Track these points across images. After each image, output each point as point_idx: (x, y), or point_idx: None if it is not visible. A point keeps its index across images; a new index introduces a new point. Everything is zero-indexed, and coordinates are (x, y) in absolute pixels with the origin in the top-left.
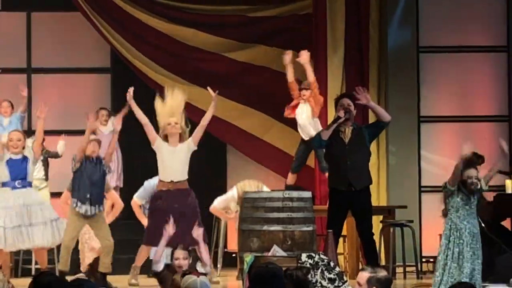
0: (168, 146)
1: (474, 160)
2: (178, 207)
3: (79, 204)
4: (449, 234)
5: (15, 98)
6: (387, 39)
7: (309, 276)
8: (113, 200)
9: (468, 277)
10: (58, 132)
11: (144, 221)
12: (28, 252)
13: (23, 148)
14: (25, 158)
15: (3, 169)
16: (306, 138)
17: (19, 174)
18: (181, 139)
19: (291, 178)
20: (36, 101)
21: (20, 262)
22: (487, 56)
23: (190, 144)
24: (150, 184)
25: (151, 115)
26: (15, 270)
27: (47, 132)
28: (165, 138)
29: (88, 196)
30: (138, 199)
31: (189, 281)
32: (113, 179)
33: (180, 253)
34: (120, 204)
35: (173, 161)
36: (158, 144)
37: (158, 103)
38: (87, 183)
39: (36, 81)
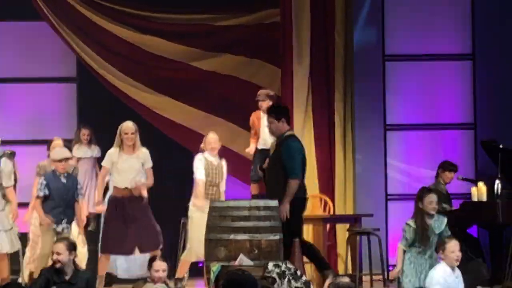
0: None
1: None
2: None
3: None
4: None
5: None
6: (353, 47)
7: (276, 285)
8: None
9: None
10: (24, 143)
11: None
12: None
13: None
14: None
15: None
16: (259, 147)
17: None
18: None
19: (254, 188)
20: (2, 110)
21: None
22: (453, 64)
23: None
24: None
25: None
26: None
27: (14, 142)
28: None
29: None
30: None
31: None
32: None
33: (160, 265)
34: None
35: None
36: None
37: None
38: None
39: (1, 91)
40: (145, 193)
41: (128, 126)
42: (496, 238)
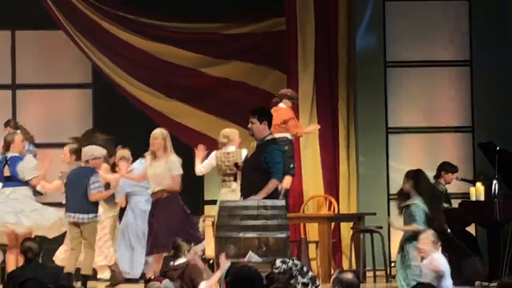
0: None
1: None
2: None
3: None
4: None
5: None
6: (356, 54)
7: (302, 279)
8: None
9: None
10: (43, 145)
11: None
12: None
13: None
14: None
15: None
16: None
17: None
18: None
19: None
20: (20, 115)
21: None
22: (451, 70)
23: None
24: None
25: (131, 129)
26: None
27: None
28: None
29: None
30: None
31: (156, 286)
32: None
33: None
34: None
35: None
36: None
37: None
38: None
39: (20, 97)
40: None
41: (153, 132)
42: (494, 236)
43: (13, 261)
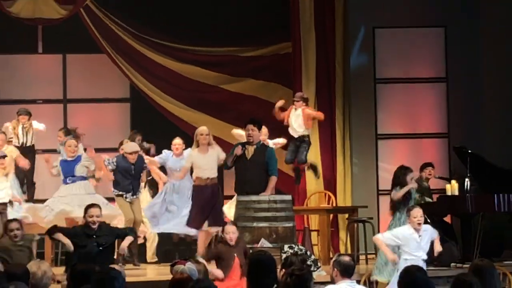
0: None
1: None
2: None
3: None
4: None
5: (53, 123)
6: (350, 73)
7: (306, 262)
8: None
9: None
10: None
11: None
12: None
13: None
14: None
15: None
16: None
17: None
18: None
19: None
20: (70, 125)
21: (59, 253)
22: (430, 86)
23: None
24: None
25: (162, 135)
26: (55, 260)
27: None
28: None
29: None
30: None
31: (180, 268)
32: None
33: (231, 227)
34: None
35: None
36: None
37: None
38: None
39: (70, 110)
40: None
41: (202, 128)
42: (466, 225)
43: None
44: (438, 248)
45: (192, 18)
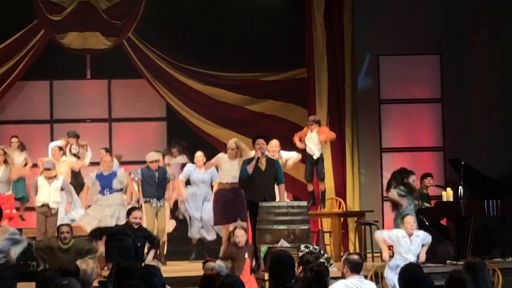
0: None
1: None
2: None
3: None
4: None
5: (99, 139)
6: (357, 94)
7: (319, 260)
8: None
9: None
10: (131, 163)
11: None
12: None
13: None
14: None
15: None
16: (314, 157)
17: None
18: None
19: (309, 186)
20: (115, 140)
21: None
22: (427, 105)
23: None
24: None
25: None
26: None
27: (125, 163)
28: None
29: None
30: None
31: (211, 265)
32: None
33: (240, 231)
34: None
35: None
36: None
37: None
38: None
39: (114, 128)
40: None
41: (230, 143)
42: (460, 227)
43: None
44: (422, 258)
45: (219, 48)
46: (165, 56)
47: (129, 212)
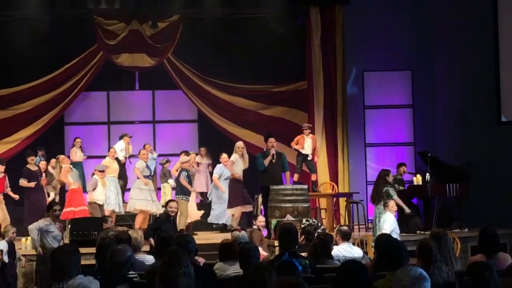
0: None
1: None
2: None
3: None
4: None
5: (145, 137)
6: (347, 100)
7: (317, 230)
8: None
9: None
10: (170, 155)
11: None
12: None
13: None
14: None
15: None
16: (302, 152)
17: None
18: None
19: (296, 177)
20: (158, 139)
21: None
22: (402, 110)
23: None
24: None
25: (220, 145)
26: None
27: (165, 155)
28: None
29: None
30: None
31: (236, 235)
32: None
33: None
34: None
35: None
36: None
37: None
38: None
39: (157, 128)
40: None
41: (240, 143)
42: (427, 205)
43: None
44: None
45: (239, 65)
46: (197, 72)
47: (167, 203)
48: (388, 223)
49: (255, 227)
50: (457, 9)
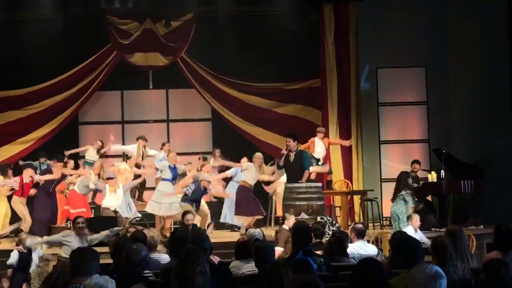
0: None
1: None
2: None
3: None
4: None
5: (159, 136)
6: (361, 98)
7: (325, 228)
8: None
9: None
10: (183, 153)
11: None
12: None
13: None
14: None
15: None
16: (320, 162)
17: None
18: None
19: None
20: (172, 137)
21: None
22: (416, 107)
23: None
24: None
25: (234, 145)
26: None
27: (181, 153)
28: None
29: None
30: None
31: (251, 232)
32: None
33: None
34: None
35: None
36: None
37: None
38: None
39: (171, 126)
40: None
41: (259, 154)
42: (442, 202)
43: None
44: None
45: (252, 64)
46: (210, 71)
47: (183, 215)
48: None
49: (285, 226)
50: (471, 3)
